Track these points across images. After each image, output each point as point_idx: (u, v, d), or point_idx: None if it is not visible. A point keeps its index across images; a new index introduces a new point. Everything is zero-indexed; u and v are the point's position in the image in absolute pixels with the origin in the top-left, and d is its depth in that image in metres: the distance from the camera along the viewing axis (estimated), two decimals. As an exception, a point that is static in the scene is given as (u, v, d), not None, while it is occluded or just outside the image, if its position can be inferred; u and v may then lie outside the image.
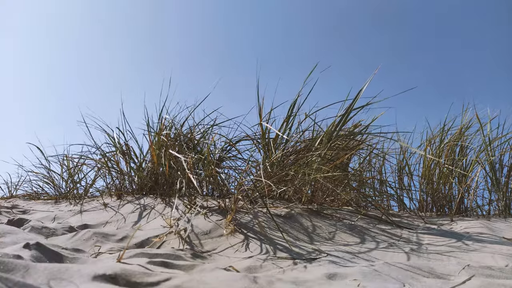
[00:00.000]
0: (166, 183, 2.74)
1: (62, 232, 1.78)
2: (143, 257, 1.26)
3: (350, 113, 2.53)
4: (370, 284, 1.05)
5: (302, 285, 1.03)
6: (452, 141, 3.12)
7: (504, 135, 3.08)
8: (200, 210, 2.03)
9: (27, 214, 2.46)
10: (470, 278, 1.12)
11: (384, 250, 1.62)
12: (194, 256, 1.41)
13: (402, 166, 3.26)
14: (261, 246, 1.56)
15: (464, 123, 3.18)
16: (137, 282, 0.88)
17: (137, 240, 1.61)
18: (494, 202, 3.00)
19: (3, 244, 1.32)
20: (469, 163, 3.12)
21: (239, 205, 2.09)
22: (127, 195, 2.83)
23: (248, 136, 2.90)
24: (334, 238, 1.84)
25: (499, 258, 1.43)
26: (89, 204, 2.65)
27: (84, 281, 0.82)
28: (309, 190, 2.60)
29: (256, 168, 2.66)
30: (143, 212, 2.26)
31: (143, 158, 3.05)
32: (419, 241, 1.81)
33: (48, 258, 1.12)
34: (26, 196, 3.63)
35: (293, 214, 2.12)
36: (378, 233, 1.95)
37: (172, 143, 2.91)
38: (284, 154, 2.50)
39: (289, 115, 2.76)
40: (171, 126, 3.01)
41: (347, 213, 2.35)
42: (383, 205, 3.13)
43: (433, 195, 3.04)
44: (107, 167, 3.06)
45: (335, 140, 2.53)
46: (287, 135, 2.72)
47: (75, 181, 3.38)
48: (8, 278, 0.66)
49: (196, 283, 0.91)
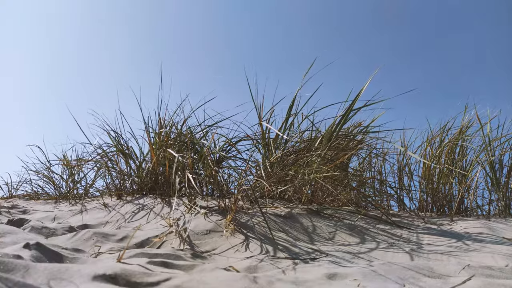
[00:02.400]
0: (166, 183, 2.74)
1: (62, 232, 1.77)
2: (143, 257, 1.26)
3: (350, 113, 2.53)
4: (370, 284, 1.05)
5: (302, 285, 1.03)
6: (452, 141, 3.12)
7: (504, 135, 3.08)
8: (200, 210, 2.03)
9: (27, 214, 2.46)
10: (470, 278, 1.12)
11: (384, 250, 1.62)
12: (194, 256, 1.41)
13: (402, 166, 3.26)
14: (261, 246, 1.56)
15: (464, 123, 3.18)
16: (137, 282, 0.88)
17: (137, 240, 1.61)
18: (494, 202, 3.00)
19: (3, 244, 1.32)
20: (469, 163, 3.12)
21: (239, 205, 2.09)
22: (127, 195, 2.83)
23: (248, 136, 2.90)
24: (334, 238, 1.84)
25: (499, 258, 1.43)
26: (89, 204, 2.65)
27: (84, 281, 0.82)
28: (309, 190, 2.60)
29: (256, 168, 2.66)
30: (143, 212, 2.26)
31: (143, 158, 3.06)
32: (419, 241, 1.81)
33: (48, 258, 1.12)
34: (26, 196, 3.63)
35: (293, 214, 2.12)
36: (378, 233, 1.95)
37: (172, 143, 2.91)
38: (284, 154, 2.50)
39: (289, 115, 2.76)
40: (171, 126, 3.02)
41: (347, 213, 2.35)
42: (383, 205, 3.13)
43: (433, 195, 3.04)
44: (107, 167, 3.06)
45: (335, 140, 2.53)
46: (287, 135, 2.72)
47: (75, 181, 3.38)
48: (8, 278, 0.66)
49: (196, 283, 0.91)
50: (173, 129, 3.02)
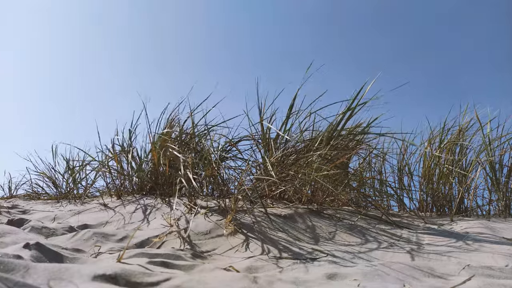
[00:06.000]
0: (166, 183, 2.74)
1: (62, 232, 1.78)
2: (143, 257, 1.26)
3: (349, 113, 2.53)
4: (370, 284, 1.05)
5: (302, 285, 1.03)
6: (452, 141, 3.12)
7: (504, 135, 3.07)
8: (200, 210, 2.03)
9: (27, 214, 2.46)
10: (470, 278, 1.12)
11: (384, 250, 1.62)
12: (194, 256, 1.41)
13: (402, 166, 3.26)
14: (261, 246, 1.56)
15: (464, 123, 3.18)
16: (137, 282, 0.88)
17: (137, 240, 1.61)
18: (494, 202, 3.00)
19: (3, 244, 1.32)
20: (469, 163, 3.12)
21: (239, 205, 2.09)
22: (127, 195, 2.83)
23: (248, 136, 2.90)
24: (334, 238, 1.84)
25: (499, 258, 1.43)
26: (89, 204, 2.65)
27: (84, 281, 0.82)
28: (309, 190, 2.60)
29: (256, 168, 2.66)
30: (143, 212, 2.26)
31: (144, 158, 3.06)
32: (419, 241, 1.81)
33: (48, 258, 1.12)
34: (26, 196, 3.63)
35: (293, 214, 2.12)
36: (378, 233, 1.95)
37: (173, 143, 2.91)
38: (284, 154, 2.50)
39: (289, 114, 2.76)
40: (172, 126, 3.02)
41: (347, 213, 2.35)
42: (383, 205, 3.13)
43: (433, 195, 3.04)
44: (107, 167, 3.06)
45: (335, 140, 2.53)
46: (287, 135, 2.72)
47: (76, 181, 3.38)
48: (8, 278, 0.66)
49: (196, 283, 0.91)
50: (173, 129, 3.02)
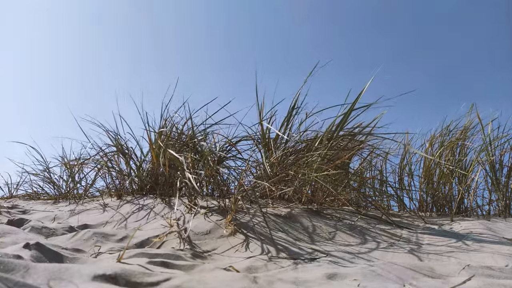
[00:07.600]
0: (166, 183, 2.74)
1: (62, 232, 1.78)
2: (143, 257, 1.26)
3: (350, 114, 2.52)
4: (370, 284, 1.05)
5: (302, 285, 1.03)
6: (453, 141, 3.12)
7: (505, 135, 3.08)
8: (200, 210, 2.03)
9: (27, 214, 2.46)
10: (470, 278, 1.12)
11: (384, 250, 1.62)
12: (194, 256, 1.41)
13: (402, 166, 3.26)
14: (261, 246, 1.56)
15: (465, 123, 3.18)
16: (137, 282, 0.88)
17: (137, 240, 1.61)
18: (494, 202, 3.00)
19: (3, 244, 1.32)
20: (469, 163, 3.12)
21: (239, 205, 2.09)
22: (127, 195, 2.83)
23: (248, 136, 2.90)
24: (334, 238, 1.84)
25: (499, 258, 1.43)
26: (89, 204, 2.65)
27: (84, 281, 0.82)
28: (309, 190, 2.59)
29: (256, 168, 2.66)
30: (143, 212, 2.26)
31: (143, 158, 3.06)
32: (419, 241, 1.81)
33: (48, 258, 1.12)
34: (26, 196, 3.63)
35: (293, 214, 2.12)
36: (378, 233, 1.95)
37: (173, 143, 2.91)
38: (284, 154, 2.50)
39: (289, 115, 2.76)
40: (171, 126, 3.02)
41: (347, 213, 2.35)
42: (383, 205, 3.13)
43: (433, 195, 3.04)
44: (107, 167, 3.06)
45: (335, 140, 2.53)
46: (287, 135, 2.72)
47: (76, 181, 3.38)
48: (8, 278, 0.65)
49: (196, 283, 0.91)
50: (173, 129, 3.02)
